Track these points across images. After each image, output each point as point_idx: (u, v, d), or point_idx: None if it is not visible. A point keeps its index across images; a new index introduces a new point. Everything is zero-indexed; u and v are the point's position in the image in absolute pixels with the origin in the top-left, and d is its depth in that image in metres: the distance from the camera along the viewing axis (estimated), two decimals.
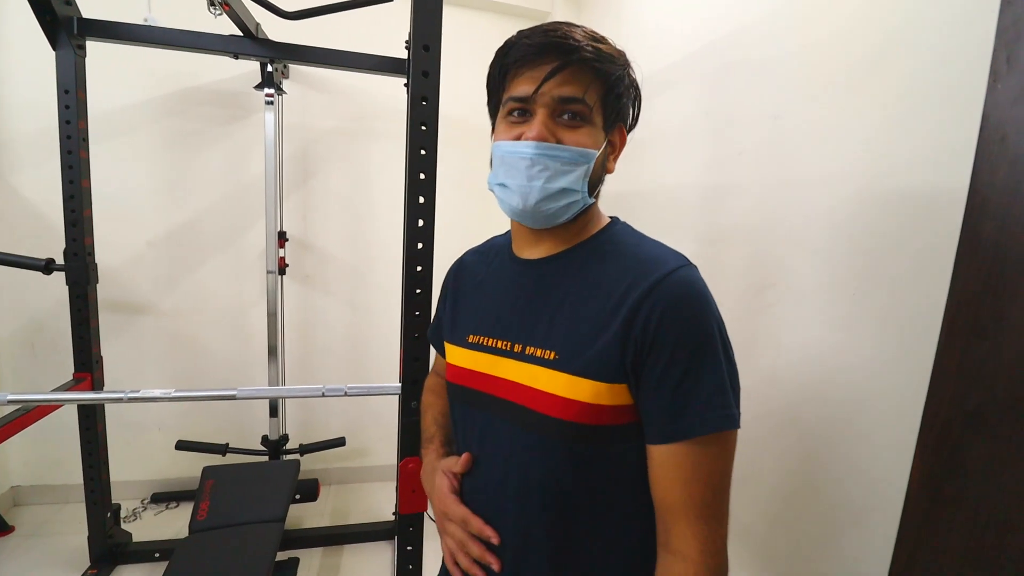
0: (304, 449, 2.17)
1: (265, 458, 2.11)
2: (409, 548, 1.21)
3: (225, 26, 1.69)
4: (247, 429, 2.29)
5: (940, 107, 0.80)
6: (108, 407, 1.89)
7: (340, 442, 2.21)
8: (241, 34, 1.71)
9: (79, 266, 1.66)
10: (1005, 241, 0.46)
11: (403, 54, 1.85)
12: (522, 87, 0.59)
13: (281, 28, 1.81)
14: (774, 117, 1.16)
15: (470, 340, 0.68)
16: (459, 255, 0.83)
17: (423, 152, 1.04)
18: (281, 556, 1.92)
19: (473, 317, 0.70)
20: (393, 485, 2.35)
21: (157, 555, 1.89)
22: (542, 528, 0.61)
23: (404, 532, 1.20)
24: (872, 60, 0.92)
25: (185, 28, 1.65)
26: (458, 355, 0.70)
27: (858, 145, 0.94)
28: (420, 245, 1.09)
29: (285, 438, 2.17)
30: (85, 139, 1.65)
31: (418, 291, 1.11)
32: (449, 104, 2.21)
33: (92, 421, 1.77)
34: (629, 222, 0.70)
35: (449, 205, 2.30)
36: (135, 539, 1.95)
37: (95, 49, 1.64)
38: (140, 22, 1.65)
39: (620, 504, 0.61)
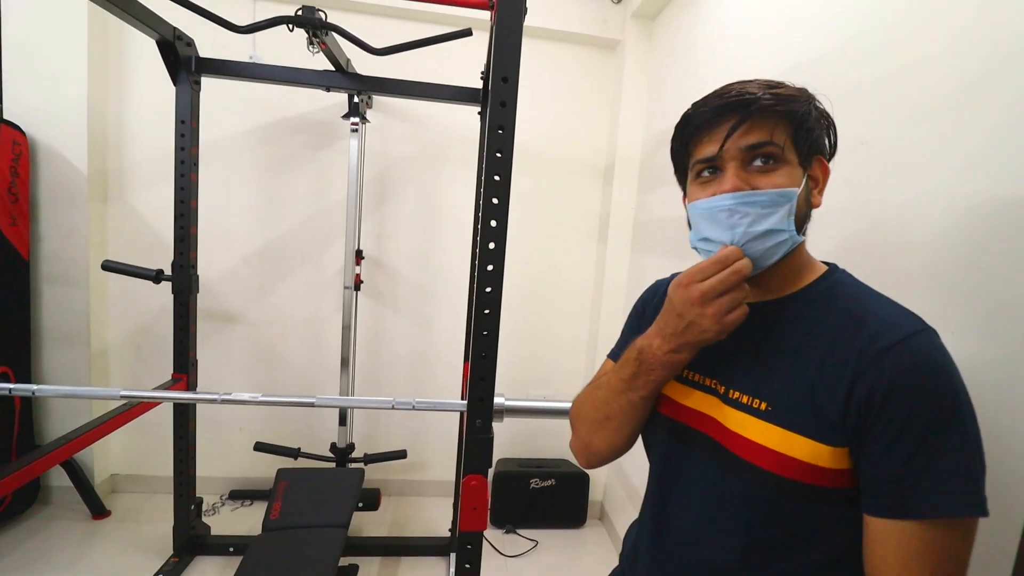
0: (368, 459, 2.25)
1: (332, 464, 2.21)
2: (467, 566, 1.22)
3: (319, 61, 1.85)
4: (317, 435, 2.41)
5: None
6: (199, 406, 2.06)
7: (402, 454, 2.28)
8: (333, 69, 1.86)
9: (184, 277, 1.84)
10: None
11: (477, 84, 1.94)
12: (707, 149, 0.62)
13: (366, 62, 1.96)
14: (862, 142, 1.12)
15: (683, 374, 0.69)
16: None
17: (497, 178, 1.08)
18: (342, 562, 1.99)
19: None
20: (450, 501, 2.38)
21: (232, 549, 2.02)
22: (737, 573, 0.61)
23: (463, 550, 1.21)
24: (972, 79, 0.87)
25: (284, 64, 1.83)
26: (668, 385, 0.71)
27: (958, 166, 0.89)
28: (491, 267, 1.13)
29: (352, 447, 2.26)
30: (196, 164, 1.84)
31: (487, 311, 1.14)
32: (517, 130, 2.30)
33: (185, 419, 1.93)
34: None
35: (515, 228, 2.36)
36: (213, 532, 2.09)
37: (205, 83, 1.84)
38: (246, 59, 1.85)
39: (824, 567, 0.59)
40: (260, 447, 2.21)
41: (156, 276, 1.83)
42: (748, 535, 0.60)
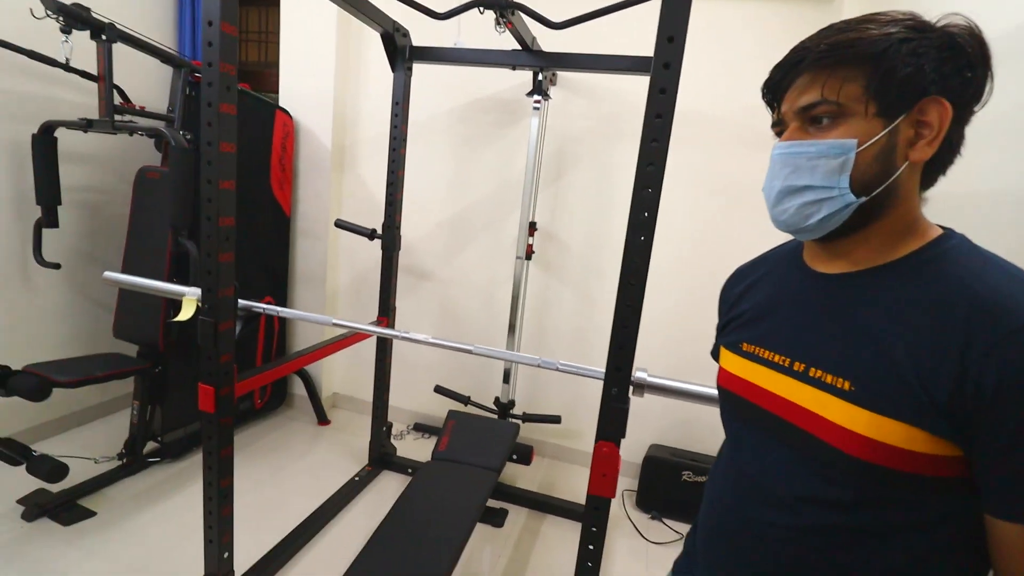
0: (526, 417, 2.41)
1: (495, 416, 2.42)
2: (594, 528, 1.25)
3: (506, 41, 1.97)
4: (485, 388, 2.67)
5: None
6: (395, 347, 2.45)
7: (556, 419, 2.38)
8: (520, 48, 1.97)
9: (390, 236, 2.19)
10: None
11: None
12: (774, 114, 0.62)
13: (551, 40, 2.02)
14: None
15: (744, 348, 0.68)
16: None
17: (655, 143, 1.05)
18: (494, 504, 2.19)
19: (749, 325, 0.69)
20: None
21: (409, 470, 2.38)
22: (814, 557, 0.58)
23: (590, 512, 1.25)
24: None
25: (479, 47, 2.00)
26: (731, 361, 0.70)
27: None
28: (642, 238, 1.11)
29: (512, 403, 2.44)
30: (405, 140, 2.15)
31: (632, 283, 1.13)
32: (702, 102, 2.14)
33: (384, 353, 2.32)
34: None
35: (687, 202, 2.23)
36: (398, 453, 2.49)
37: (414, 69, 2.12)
38: (451, 45, 2.07)
39: (919, 557, 0.54)
40: (438, 390, 2.54)
41: (371, 234, 2.21)
42: (827, 520, 0.56)
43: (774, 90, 0.61)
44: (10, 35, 1.90)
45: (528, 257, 2.35)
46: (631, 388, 1.18)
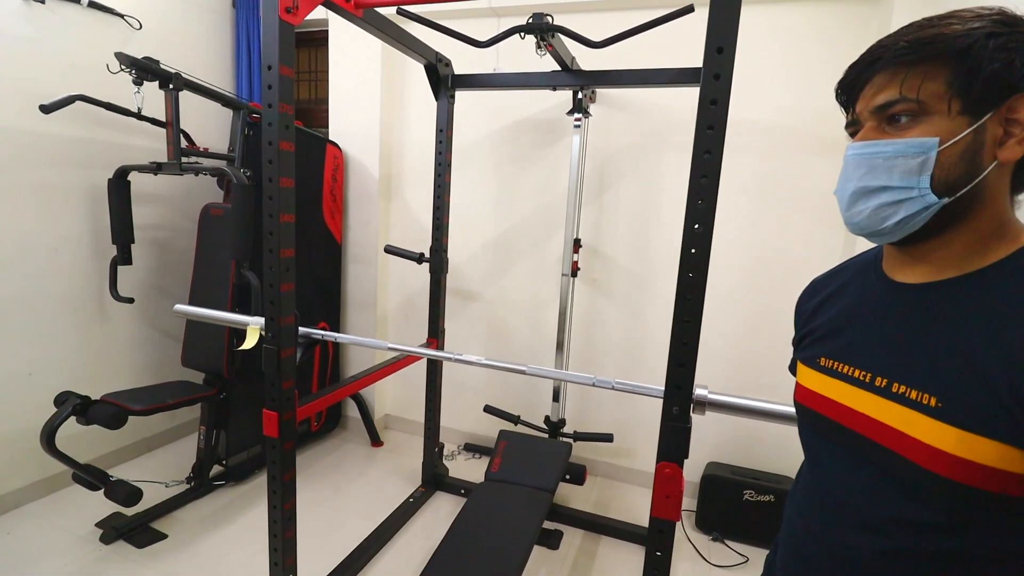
0: (577, 436, 2.37)
1: (545, 435, 2.40)
2: (658, 553, 1.21)
3: (546, 63, 2.00)
4: (534, 407, 2.65)
5: None
6: (444, 368, 2.47)
7: (608, 438, 2.33)
8: (559, 68, 1.99)
9: (438, 260, 2.23)
10: None
11: (699, 63, 1.84)
12: (848, 116, 0.61)
13: (590, 59, 2.03)
14: None
15: (822, 363, 0.66)
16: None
17: (707, 155, 1.04)
18: (549, 525, 2.15)
19: (826, 339, 0.67)
20: None
21: (462, 491, 2.38)
22: None
23: (654, 536, 1.21)
24: None
25: (518, 71, 2.03)
26: (809, 377, 0.68)
27: None
28: (695, 250, 1.09)
29: (563, 422, 2.41)
30: (449, 166, 2.20)
31: (689, 297, 1.10)
32: (753, 110, 2.09)
33: (434, 375, 2.35)
34: None
35: (750, 217, 2.17)
36: (451, 474, 2.49)
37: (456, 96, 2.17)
38: (491, 71, 2.12)
39: None
40: (488, 409, 2.54)
41: (419, 258, 2.26)
42: (917, 543, 0.54)
43: (849, 89, 0.59)
44: (89, 90, 2.07)
45: (574, 274, 2.34)
46: (692, 406, 1.14)
